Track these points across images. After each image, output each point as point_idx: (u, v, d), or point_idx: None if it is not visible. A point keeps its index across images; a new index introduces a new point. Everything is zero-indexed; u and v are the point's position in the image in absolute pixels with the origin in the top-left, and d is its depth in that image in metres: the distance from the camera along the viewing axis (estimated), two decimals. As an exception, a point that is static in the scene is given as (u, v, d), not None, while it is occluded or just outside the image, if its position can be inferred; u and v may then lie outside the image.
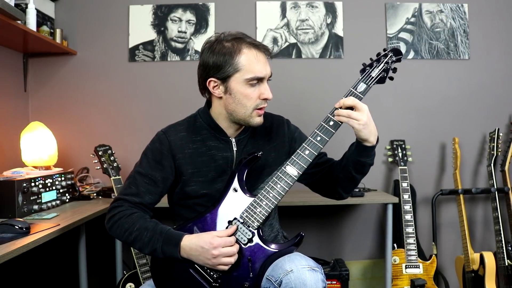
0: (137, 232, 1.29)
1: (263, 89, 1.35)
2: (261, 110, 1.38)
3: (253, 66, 1.32)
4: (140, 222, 1.31)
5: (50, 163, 2.20)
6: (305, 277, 1.18)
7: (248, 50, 1.33)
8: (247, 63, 1.32)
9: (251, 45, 1.34)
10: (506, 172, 2.51)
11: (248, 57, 1.32)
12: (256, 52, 1.34)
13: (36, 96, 2.64)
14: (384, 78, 1.33)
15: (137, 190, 1.37)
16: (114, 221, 1.33)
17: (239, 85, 1.33)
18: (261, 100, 1.36)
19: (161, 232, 1.29)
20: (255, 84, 1.34)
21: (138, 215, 1.33)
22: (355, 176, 1.40)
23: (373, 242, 2.73)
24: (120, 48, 2.66)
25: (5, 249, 1.32)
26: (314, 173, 1.49)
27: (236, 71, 1.32)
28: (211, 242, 1.23)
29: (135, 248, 1.39)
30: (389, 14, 2.69)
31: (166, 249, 1.27)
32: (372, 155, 1.36)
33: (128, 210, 1.34)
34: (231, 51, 1.32)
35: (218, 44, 1.35)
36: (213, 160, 1.41)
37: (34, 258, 2.49)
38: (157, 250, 1.28)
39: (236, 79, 1.33)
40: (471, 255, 2.42)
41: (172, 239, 1.28)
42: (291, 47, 2.68)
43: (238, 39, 1.34)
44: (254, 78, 1.33)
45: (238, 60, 1.32)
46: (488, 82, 2.71)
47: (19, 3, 2.19)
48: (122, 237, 1.33)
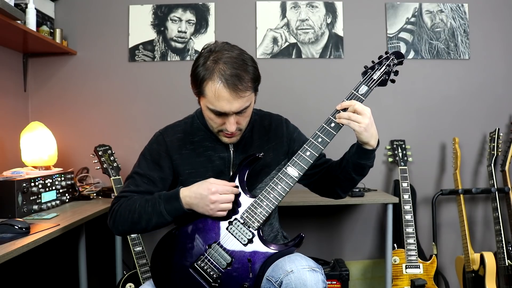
0: (139, 208, 1.32)
1: (227, 121, 1.32)
2: (228, 134, 1.36)
3: (214, 100, 1.27)
4: (139, 200, 1.34)
5: (50, 163, 2.20)
6: (306, 278, 1.18)
7: (212, 85, 1.26)
8: (210, 94, 1.27)
9: (220, 80, 1.25)
10: (506, 172, 2.51)
11: (211, 91, 1.27)
12: (220, 89, 1.25)
13: (36, 96, 2.64)
14: (386, 80, 1.34)
15: (136, 188, 1.39)
16: (115, 212, 1.35)
17: (204, 107, 1.34)
18: (225, 127, 1.34)
19: (159, 196, 1.33)
20: (218, 114, 1.31)
21: (137, 196, 1.36)
22: (355, 178, 1.40)
23: (373, 242, 2.73)
24: (120, 48, 2.66)
25: (5, 249, 1.32)
26: (313, 174, 1.49)
27: (202, 95, 1.31)
28: (209, 188, 1.26)
29: (143, 226, 1.33)
30: (389, 14, 2.69)
31: (170, 208, 1.29)
32: (372, 157, 1.37)
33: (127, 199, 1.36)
34: (203, 76, 1.27)
35: (206, 57, 1.29)
36: (210, 160, 1.41)
37: (34, 258, 2.49)
38: (162, 213, 1.30)
39: (203, 101, 1.33)
40: (471, 255, 2.42)
41: (171, 195, 1.31)
42: (291, 47, 2.68)
43: (217, 66, 1.26)
44: (215, 110, 1.30)
45: (204, 87, 1.28)
46: (488, 82, 2.71)
47: (19, 3, 2.18)
48: (127, 220, 1.33)
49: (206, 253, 1.29)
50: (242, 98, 1.27)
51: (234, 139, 1.39)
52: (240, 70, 1.27)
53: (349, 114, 1.27)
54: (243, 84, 1.26)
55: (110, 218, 1.37)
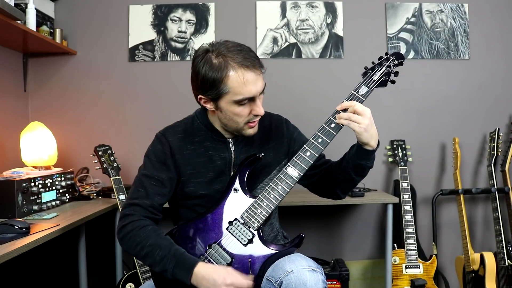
0: (149, 248, 1.26)
1: (254, 106, 1.33)
2: (253, 123, 1.37)
3: (241, 88, 1.28)
4: (153, 238, 1.27)
5: (50, 163, 2.19)
6: (306, 278, 1.17)
7: (235, 73, 1.27)
8: (235, 85, 1.27)
9: (238, 65, 1.27)
10: (506, 172, 2.51)
11: (236, 80, 1.27)
12: (244, 73, 1.27)
13: (36, 96, 2.64)
14: (386, 81, 1.34)
15: (146, 192, 1.35)
16: (126, 232, 1.30)
17: (229, 105, 1.31)
18: (253, 115, 1.34)
19: (175, 254, 1.25)
20: (246, 103, 1.31)
21: (152, 229, 1.30)
22: (354, 178, 1.40)
23: (373, 242, 2.73)
24: (120, 48, 2.66)
25: (5, 249, 1.32)
26: (313, 175, 1.49)
27: (224, 93, 1.29)
28: (225, 278, 1.21)
29: (145, 264, 1.35)
30: (389, 14, 2.69)
31: (177, 272, 1.23)
32: (372, 158, 1.36)
33: (141, 221, 1.30)
34: (219, 73, 1.27)
35: (206, 60, 1.29)
36: (211, 161, 1.41)
37: (34, 258, 2.49)
38: (167, 271, 1.24)
39: (225, 99, 1.31)
40: (471, 255, 2.42)
41: (185, 264, 1.24)
42: (291, 47, 2.68)
43: (226, 58, 1.27)
44: (243, 99, 1.30)
45: (225, 83, 1.27)
46: (488, 82, 2.71)
47: (19, 3, 2.18)
48: (133, 250, 1.30)
49: (206, 253, 1.29)
50: (261, 75, 1.32)
51: (256, 128, 1.39)
52: (245, 51, 1.30)
53: (349, 114, 1.27)
54: (256, 61, 1.31)
55: (119, 231, 1.32)
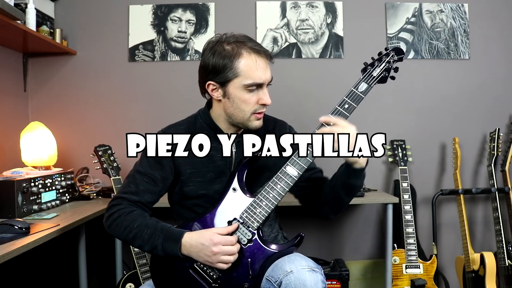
0: (137, 230, 1.29)
1: (262, 95, 1.34)
2: (259, 114, 1.37)
3: (252, 72, 1.31)
4: (140, 220, 1.30)
5: (50, 163, 2.20)
6: (305, 278, 1.18)
7: (248, 55, 1.31)
8: (246, 68, 1.30)
9: (251, 50, 1.32)
10: (506, 172, 2.51)
11: (248, 63, 1.31)
12: (256, 57, 1.32)
13: (36, 96, 2.64)
14: (386, 77, 1.33)
15: (136, 188, 1.37)
16: (113, 219, 1.33)
17: (237, 90, 1.33)
18: (259, 105, 1.35)
19: (162, 229, 1.28)
20: (254, 89, 1.33)
21: (138, 212, 1.33)
22: (343, 198, 1.39)
23: (373, 242, 2.73)
24: (120, 48, 2.65)
25: (5, 249, 1.32)
26: (305, 187, 1.48)
27: (234, 76, 1.31)
28: (212, 239, 1.23)
29: (135, 246, 1.37)
30: (389, 14, 2.69)
31: (167, 246, 1.26)
32: (362, 177, 1.35)
33: (127, 208, 1.33)
34: (231, 55, 1.31)
35: (218, 46, 1.34)
36: (212, 161, 1.41)
37: (34, 258, 2.49)
38: (157, 247, 1.27)
39: (235, 84, 1.32)
40: (471, 255, 2.42)
41: (173, 236, 1.27)
42: (291, 47, 2.68)
43: (239, 43, 1.33)
44: (252, 84, 1.32)
45: (237, 66, 1.30)
46: (488, 82, 2.71)
47: (18, 3, 2.18)
48: (121, 235, 1.32)
49: (206, 253, 1.29)
50: (270, 65, 1.36)
51: (261, 121, 1.40)
52: (256, 42, 1.36)
53: (330, 128, 1.25)
54: (267, 51, 1.36)
55: (106, 220, 1.35)
